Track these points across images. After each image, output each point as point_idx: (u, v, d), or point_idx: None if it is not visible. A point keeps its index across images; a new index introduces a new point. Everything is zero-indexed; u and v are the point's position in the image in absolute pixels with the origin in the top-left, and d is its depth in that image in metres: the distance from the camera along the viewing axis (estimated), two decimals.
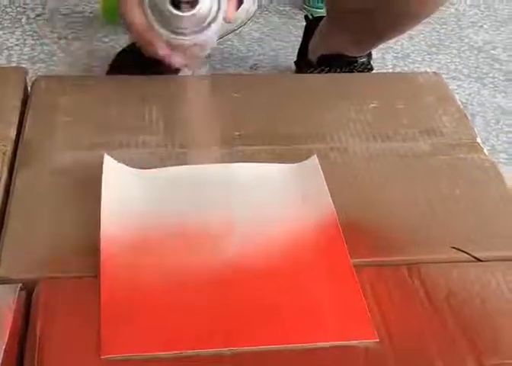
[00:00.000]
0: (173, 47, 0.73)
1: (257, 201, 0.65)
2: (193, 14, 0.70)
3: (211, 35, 0.73)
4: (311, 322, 0.55)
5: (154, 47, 0.73)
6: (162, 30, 0.71)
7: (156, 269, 0.58)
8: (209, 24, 0.72)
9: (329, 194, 0.65)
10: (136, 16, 0.72)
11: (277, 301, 0.57)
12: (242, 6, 1.23)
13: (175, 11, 0.70)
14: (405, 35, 1.35)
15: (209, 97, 0.78)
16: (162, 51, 0.73)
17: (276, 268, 0.59)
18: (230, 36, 1.30)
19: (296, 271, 0.59)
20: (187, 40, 0.72)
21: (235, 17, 0.77)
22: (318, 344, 0.54)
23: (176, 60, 0.74)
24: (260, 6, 1.29)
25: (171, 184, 0.67)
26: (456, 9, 1.55)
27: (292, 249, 0.61)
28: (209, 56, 0.80)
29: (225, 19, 0.73)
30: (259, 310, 0.56)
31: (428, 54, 1.40)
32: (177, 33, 0.71)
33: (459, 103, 0.83)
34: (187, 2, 0.70)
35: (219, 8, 0.72)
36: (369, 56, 1.19)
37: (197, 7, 0.70)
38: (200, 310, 0.56)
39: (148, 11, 0.71)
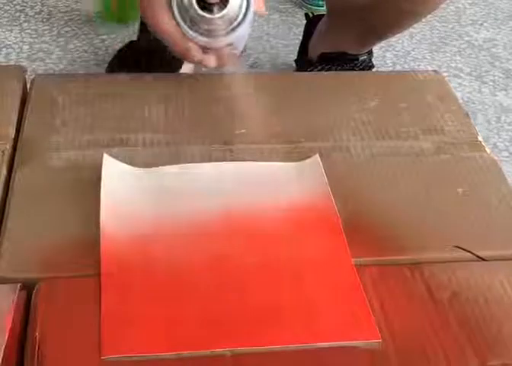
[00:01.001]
0: (206, 50, 0.72)
1: (258, 200, 0.65)
2: (224, 15, 0.69)
3: (243, 33, 0.72)
4: (313, 322, 0.55)
5: (190, 53, 0.71)
6: (195, 35, 0.70)
7: (156, 268, 0.58)
8: (240, 23, 0.70)
9: (331, 193, 0.65)
10: (167, 23, 0.70)
11: (279, 301, 0.56)
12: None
13: (205, 14, 0.68)
14: (406, 33, 1.35)
15: (209, 95, 0.78)
16: (198, 56, 0.71)
17: (277, 267, 0.59)
18: None
19: (298, 270, 0.59)
20: (219, 42, 0.71)
21: (264, 9, 0.74)
22: (320, 344, 0.53)
23: (211, 63, 0.73)
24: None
25: (171, 183, 0.66)
26: (457, 7, 1.54)
27: (293, 248, 0.61)
28: (245, 50, 0.78)
29: (255, 13, 0.72)
30: (260, 310, 0.55)
31: (429, 52, 1.40)
32: (208, 36, 0.70)
33: (460, 101, 0.83)
34: (216, 3, 0.69)
35: (248, 5, 0.70)
36: (370, 53, 1.18)
37: (227, 7, 0.69)
38: (200, 310, 0.55)
39: (178, 16, 0.69)
